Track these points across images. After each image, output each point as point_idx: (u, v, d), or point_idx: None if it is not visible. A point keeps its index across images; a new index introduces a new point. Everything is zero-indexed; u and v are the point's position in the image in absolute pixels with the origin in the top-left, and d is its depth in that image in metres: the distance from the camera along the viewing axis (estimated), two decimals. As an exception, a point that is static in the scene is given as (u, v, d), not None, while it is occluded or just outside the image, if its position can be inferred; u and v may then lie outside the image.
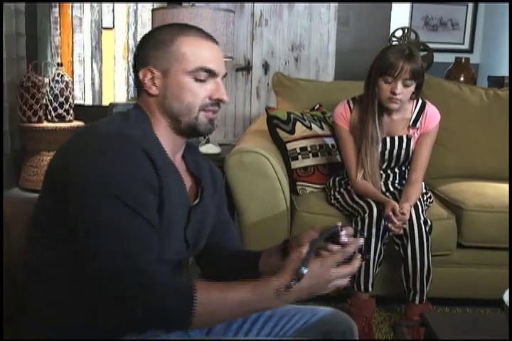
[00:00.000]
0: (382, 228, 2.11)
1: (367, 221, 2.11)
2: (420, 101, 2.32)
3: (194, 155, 1.31)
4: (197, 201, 1.23)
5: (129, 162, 1.03)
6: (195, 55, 1.15)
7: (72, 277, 1.07)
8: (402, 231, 2.10)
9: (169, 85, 1.15)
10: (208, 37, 1.19)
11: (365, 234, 2.11)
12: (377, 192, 2.22)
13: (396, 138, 2.30)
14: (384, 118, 2.28)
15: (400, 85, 2.13)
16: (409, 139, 2.29)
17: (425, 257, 2.11)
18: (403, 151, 2.30)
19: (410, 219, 2.10)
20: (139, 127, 1.12)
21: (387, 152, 2.31)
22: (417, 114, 2.30)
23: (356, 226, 2.13)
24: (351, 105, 2.31)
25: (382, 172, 2.35)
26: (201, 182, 1.26)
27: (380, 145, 2.27)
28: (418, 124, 2.30)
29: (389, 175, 2.37)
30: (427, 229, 2.13)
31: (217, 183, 1.34)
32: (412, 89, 2.17)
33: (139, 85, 1.19)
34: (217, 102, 1.18)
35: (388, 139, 2.30)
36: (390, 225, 2.07)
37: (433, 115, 2.31)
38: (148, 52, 1.17)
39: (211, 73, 1.16)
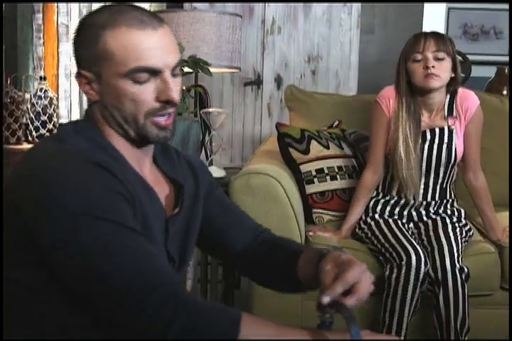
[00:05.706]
0: (421, 276, 2.12)
1: (404, 269, 2.12)
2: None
3: (167, 156, 1.29)
4: (177, 210, 1.22)
5: (86, 174, 1.03)
6: (127, 53, 1.09)
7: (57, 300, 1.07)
8: None
9: (104, 91, 1.12)
10: (146, 22, 1.11)
11: (402, 282, 2.12)
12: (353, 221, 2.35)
13: (437, 131, 2.32)
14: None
15: (430, 57, 2.21)
16: (450, 131, 2.31)
17: (460, 307, 2.10)
18: (445, 147, 2.31)
19: (443, 265, 2.11)
20: (88, 140, 1.12)
21: (426, 150, 2.31)
22: (450, 99, 2.34)
23: (391, 273, 2.14)
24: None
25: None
26: (182, 187, 1.24)
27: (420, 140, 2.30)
28: (455, 112, 2.32)
29: (427, 189, 2.37)
30: (463, 277, 2.13)
31: (199, 177, 1.32)
32: (447, 64, 2.23)
33: None
34: (169, 103, 1.12)
35: (428, 132, 2.32)
36: None
37: (469, 97, 2.34)
38: (78, 51, 1.15)
39: (153, 72, 1.10)
